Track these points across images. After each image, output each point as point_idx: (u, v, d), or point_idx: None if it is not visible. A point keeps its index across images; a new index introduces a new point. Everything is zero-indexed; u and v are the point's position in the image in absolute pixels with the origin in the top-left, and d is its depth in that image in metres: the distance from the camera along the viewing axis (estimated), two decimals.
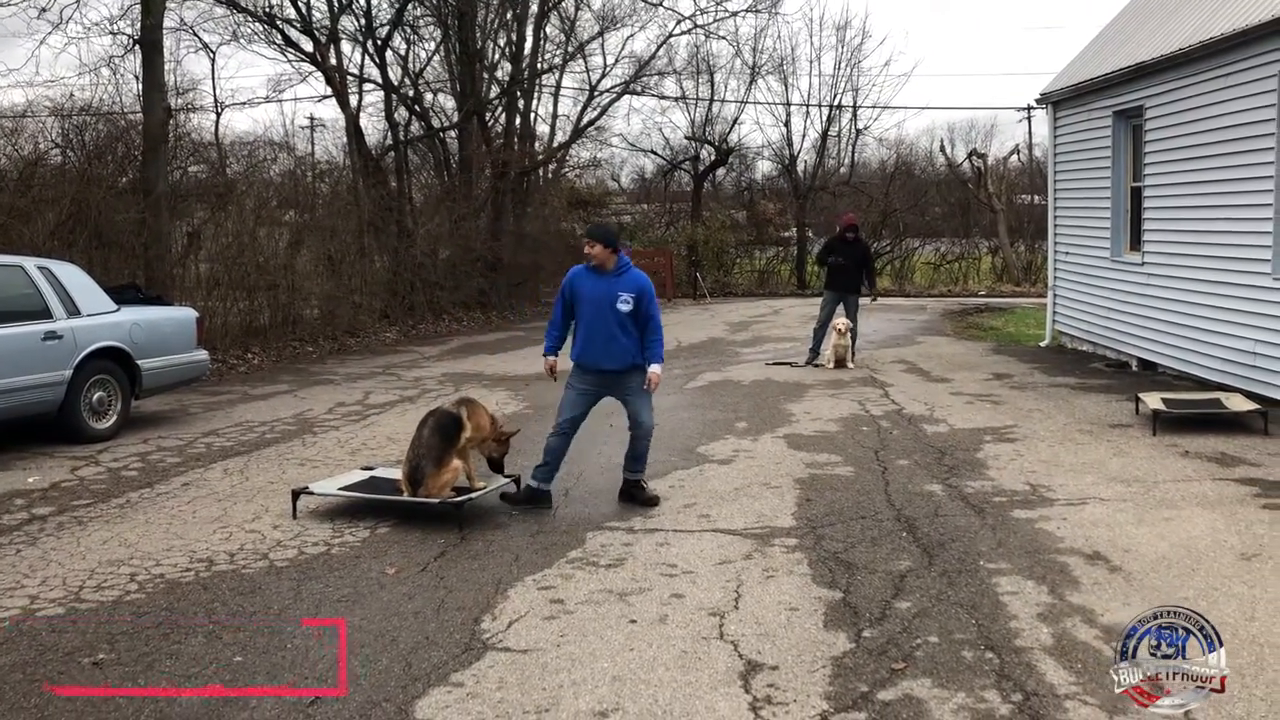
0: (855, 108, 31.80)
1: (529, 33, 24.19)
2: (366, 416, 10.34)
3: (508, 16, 23.80)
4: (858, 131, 32.35)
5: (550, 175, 27.64)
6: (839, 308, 13.52)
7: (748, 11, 27.10)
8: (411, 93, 23.05)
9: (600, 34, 26.03)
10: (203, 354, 10.52)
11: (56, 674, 4.26)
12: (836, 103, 31.52)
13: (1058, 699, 3.96)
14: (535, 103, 25.62)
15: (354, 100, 21.30)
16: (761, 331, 18.62)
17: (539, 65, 24.77)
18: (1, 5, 14.42)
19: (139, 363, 9.49)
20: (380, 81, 21.90)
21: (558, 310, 6.88)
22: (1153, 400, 9.19)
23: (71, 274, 9.47)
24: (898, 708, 3.91)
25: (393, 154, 22.37)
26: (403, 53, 23.16)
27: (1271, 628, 4.59)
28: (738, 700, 4.01)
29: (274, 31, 20.31)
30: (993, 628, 4.65)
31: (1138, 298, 12.50)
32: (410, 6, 21.88)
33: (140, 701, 4.04)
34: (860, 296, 13.87)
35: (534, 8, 23.97)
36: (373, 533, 6.28)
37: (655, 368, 6.76)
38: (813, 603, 5.00)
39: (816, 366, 13.40)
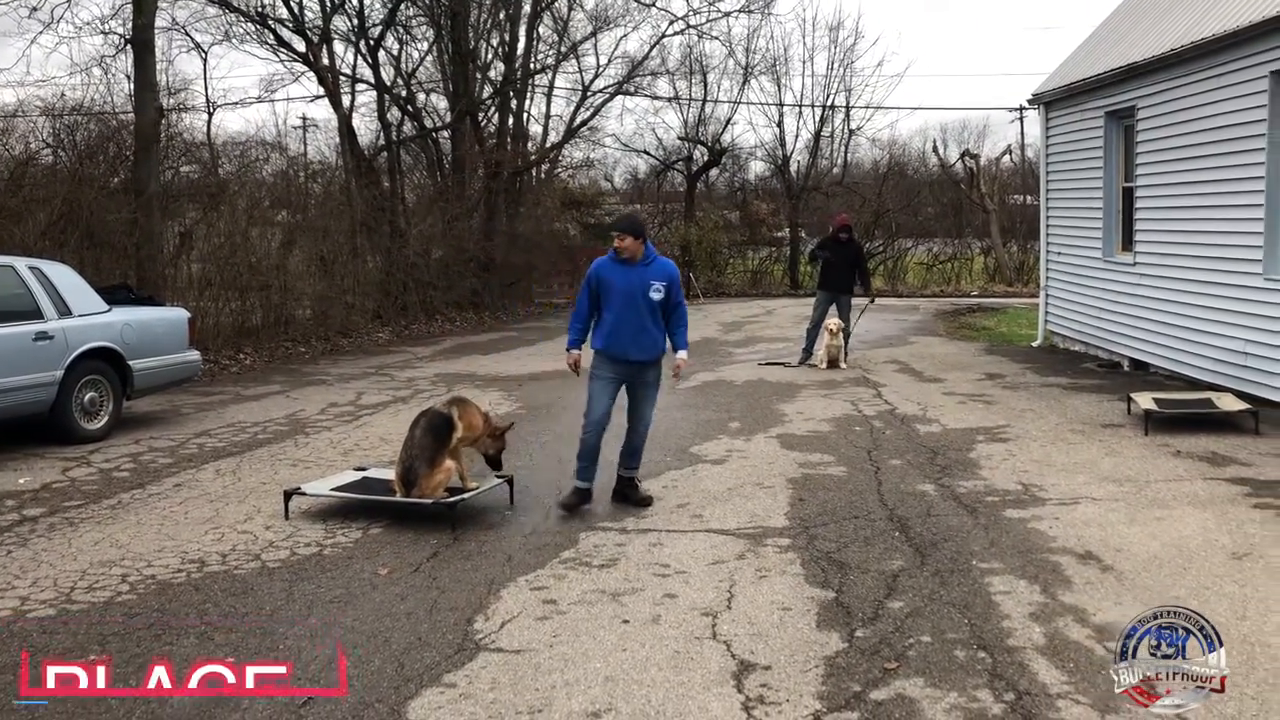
0: (848, 108, 31.82)
1: (522, 33, 24.19)
2: (359, 417, 10.32)
3: (500, 16, 23.80)
4: (851, 132, 32.38)
5: (543, 175, 27.61)
6: (831, 308, 13.55)
7: (740, 12, 27.20)
8: (404, 93, 23.04)
9: (593, 34, 26.06)
10: (195, 354, 10.50)
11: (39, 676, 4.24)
12: (829, 103, 31.54)
13: (1050, 698, 3.96)
14: (528, 103, 25.65)
15: (346, 100, 21.28)
16: (754, 332, 18.63)
17: (532, 65, 24.77)
18: None
19: (131, 363, 9.47)
20: (373, 81, 21.92)
21: (584, 303, 6.76)
22: (1144, 400, 9.22)
23: (63, 274, 9.44)
24: (890, 707, 3.92)
25: (385, 154, 22.34)
26: (395, 53, 23.18)
27: (1262, 626, 4.61)
28: (730, 700, 4.01)
29: (266, 31, 20.30)
30: (985, 627, 4.66)
31: (1129, 298, 12.53)
32: (403, 6, 21.89)
33: (132, 702, 4.03)
34: (853, 297, 13.90)
35: (527, 8, 23.97)
36: (365, 533, 6.28)
37: (683, 353, 6.80)
38: (805, 602, 5.01)
39: (810, 366, 13.42)
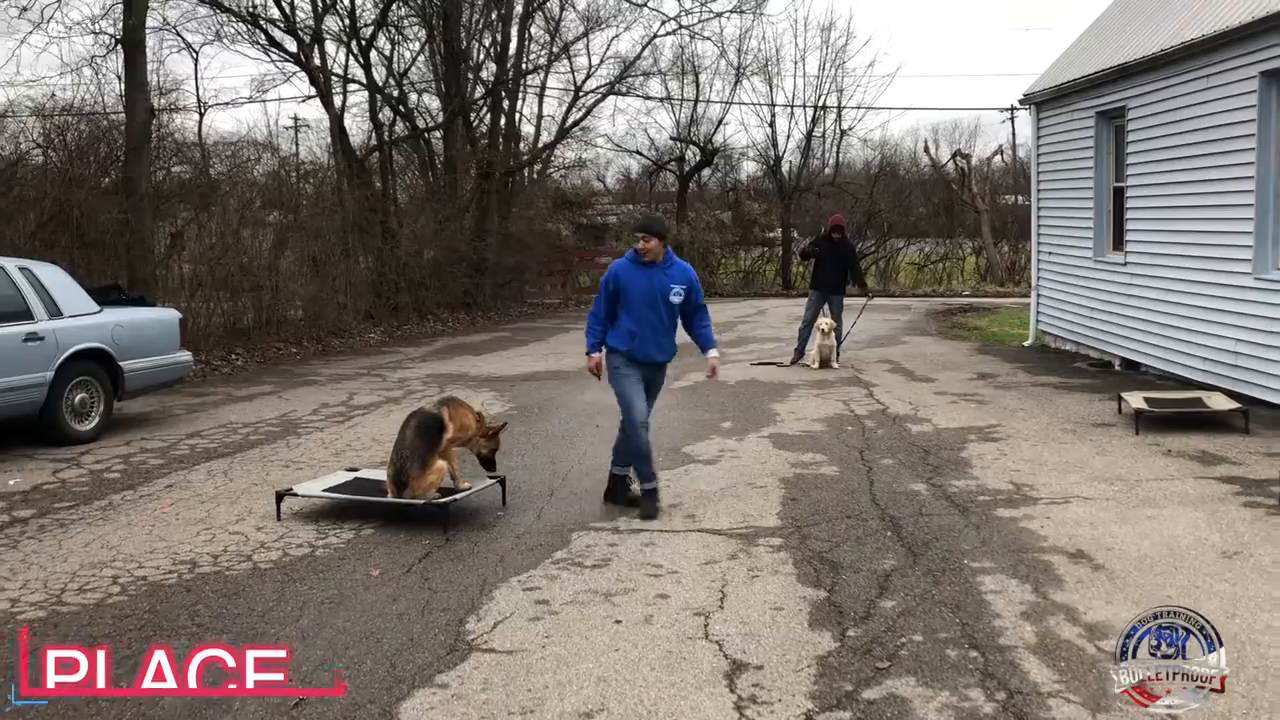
0: (840, 108, 31.87)
1: (514, 33, 24.18)
2: (351, 418, 10.30)
3: (492, 16, 23.78)
4: (842, 132, 32.42)
5: (535, 176, 27.61)
6: (824, 307, 13.57)
7: (732, 12, 27.16)
8: (396, 93, 23.02)
9: (585, 34, 26.08)
10: (186, 355, 10.46)
11: (39, 676, 4.22)
12: (821, 103, 31.58)
13: (1041, 697, 3.97)
14: (520, 103, 25.62)
15: (338, 100, 21.29)
16: (747, 332, 18.63)
17: (524, 65, 24.75)
18: None
19: (121, 364, 9.44)
20: (364, 82, 21.87)
21: (602, 306, 6.68)
22: (1135, 399, 9.25)
23: (53, 275, 9.41)
24: (882, 706, 3.92)
25: (377, 154, 22.32)
26: (387, 53, 23.17)
27: (1253, 625, 4.63)
28: (723, 700, 4.01)
29: (257, 31, 20.27)
30: (977, 626, 4.67)
31: (1120, 297, 12.56)
32: (395, 6, 21.87)
33: (123, 703, 4.02)
34: (846, 297, 13.92)
35: (519, 8, 23.97)
36: (357, 534, 6.26)
37: (714, 352, 6.83)
38: (798, 602, 5.01)
39: (802, 366, 13.43)
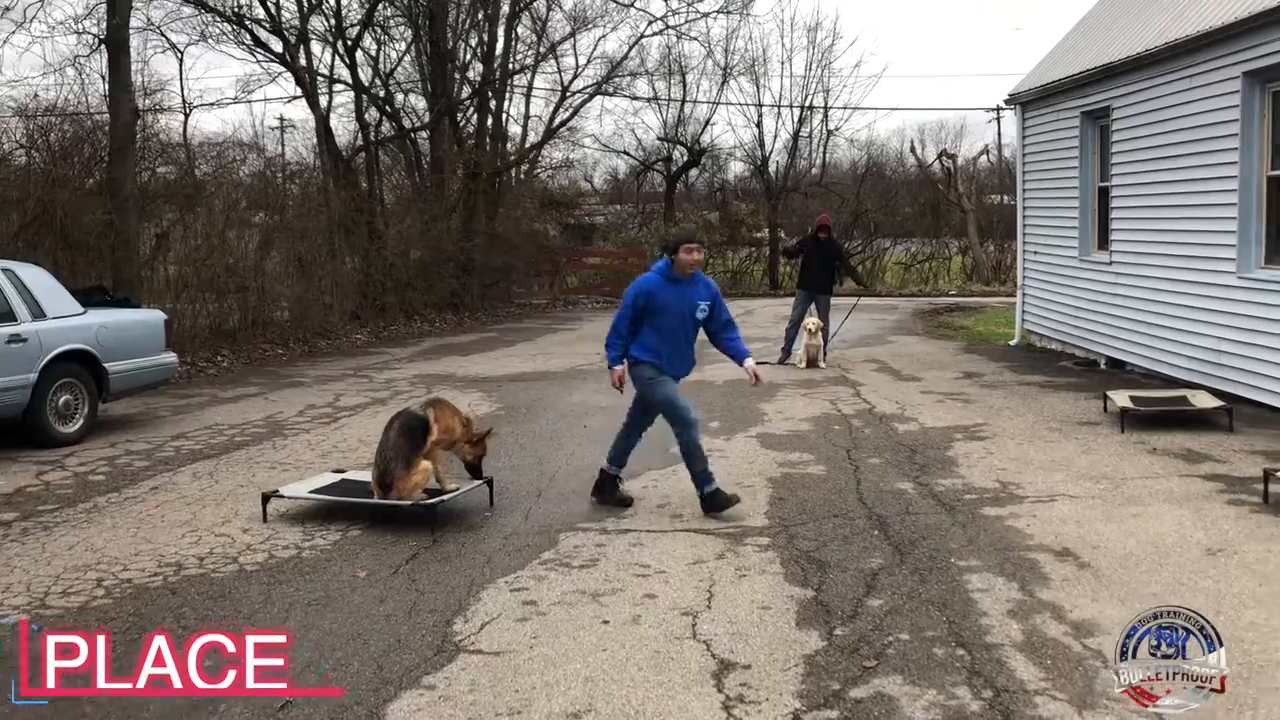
0: (826, 108, 31.94)
1: (500, 33, 24.17)
2: (337, 419, 10.27)
3: (479, 17, 23.73)
4: (829, 132, 32.50)
5: (522, 176, 27.57)
6: (810, 307, 13.60)
7: (719, 13, 27.20)
8: (382, 93, 22.96)
9: (572, 34, 26.05)
10: (171, 357, 10.41)
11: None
12: (808, 104, 31.62)
13: (1028, 695, 3.99)
14: (507, 103, 25.58)
15: (324, 101, 21.20)
16: None
17: (510, 66, 24.73)
18: None
19: (106, 366, 9.39)
20: (350, 82, 21.81)
21: (626, 322, 6.56)
22: (1121, 398, 9.29)
23: (37, 276, 9.36)
24: (870, 705, 3.93)
25: (363, 155, 22.26)
26: (373, 53, 23.10)
27: (1236, 621, 4.65)
28: (710, 700, 4.01)
29: (243, 32, 20.19)
30: (963, 624, 4.68)
31: (1106, 296, 12.62)
32: (381, 6, 21.81)
33: (109, 703, 4.00)
34: (832, 296, 13.97)
35: (505, 8, 23.91)
36: (344, 536, 6.24)
37: (750, 361, 6.80)
38: (785, 601, 5.02)
39: (789, 366, 13.45)
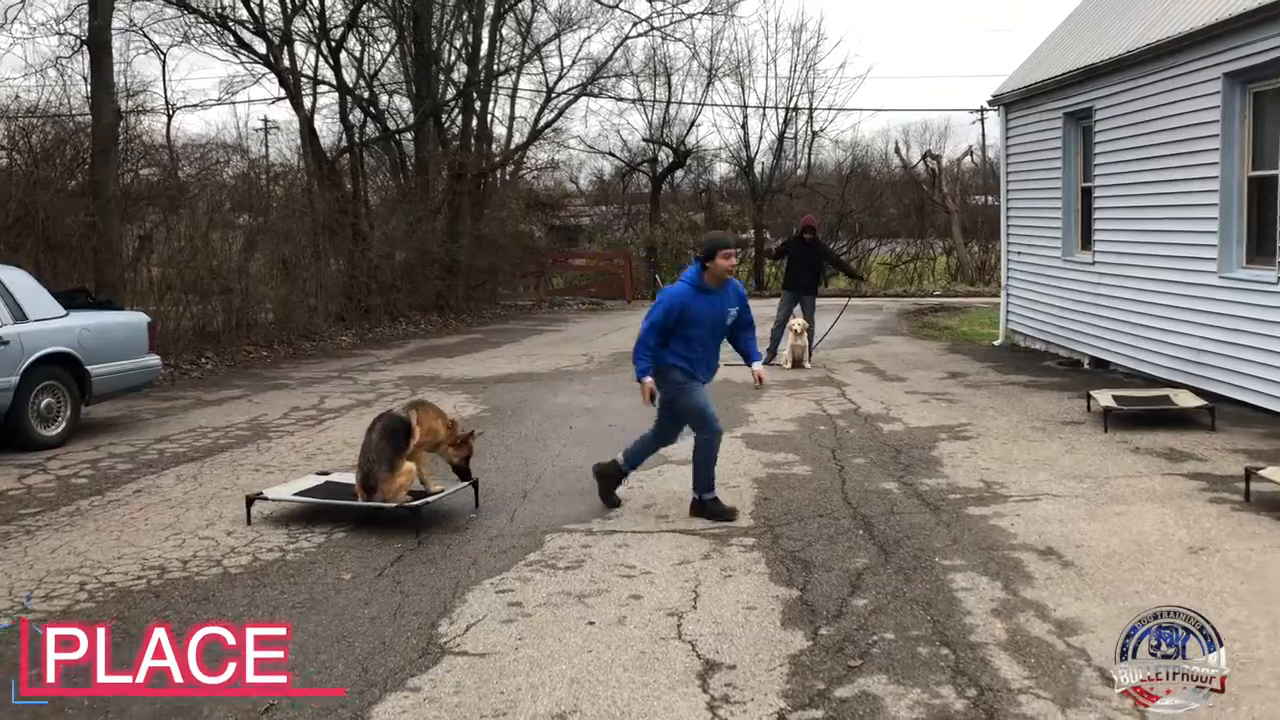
0: (811, 110, 32.05)
1: (485, 34, 24.13)
2: (322, 421, 10.24)
3: (464, 18, 23.70)
4: (814, 133, 32.60)
5: (508, 177, 27.54)
6: (796, 308, 13.63)
7: (704, 14, 27.30)
8: (366, 94, 22.91)
9: (557, 36, 26.06)
10: (154, 359, 10.36)
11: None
12: (793, 105, 31.73)
13: (1011, 693, 4.00)
14: (492, 105, 25.57)
15: (308, 102, 21.13)
16: None
17: (495, 67, 24.71)
18: None
19: (88, 368, 9.33)
20: (335, 83, 21.77)
21: (655, 334, 6.46)
22: (1104, 398, 9.34)
23: (18, 278, 9.30)
24: (854, 705, 3.94)
25: (348, 156, 22.21)
26: (357, 54, 23.06)
27: (1218, 619, 4.65)
28: (696, 700, 4.01)
29: (226, 33, 20.13)
30: (948, 624, 4.70)
31: (1089, 297, 12.68)
32: (365, 7, 21.76)
33: (90, 705, 3.98)
34: (818, 297, 14.02)
35: (490, 9, 23.88)
36: (328, 538, 6.22)
37: (759, 364, 6.80)
38: (770, 601, 5.03)
39: (774, 366, 13.46)
